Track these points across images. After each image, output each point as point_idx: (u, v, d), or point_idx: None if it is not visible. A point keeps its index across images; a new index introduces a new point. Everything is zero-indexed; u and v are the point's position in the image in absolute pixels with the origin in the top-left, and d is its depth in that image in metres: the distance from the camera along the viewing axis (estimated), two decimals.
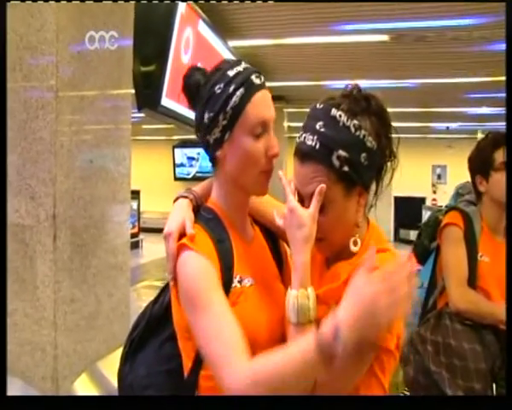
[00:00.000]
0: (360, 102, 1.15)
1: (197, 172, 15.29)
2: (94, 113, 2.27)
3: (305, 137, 1.14)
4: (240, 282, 1.16)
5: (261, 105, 1.16)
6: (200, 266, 1.11)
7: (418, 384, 1.94)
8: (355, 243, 1.18)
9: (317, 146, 1.12)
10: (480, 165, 2.09)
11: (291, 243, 1.14)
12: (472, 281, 2.03)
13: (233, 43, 5.49)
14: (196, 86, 1.18)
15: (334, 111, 1.13)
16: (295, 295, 1.10)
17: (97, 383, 2.13)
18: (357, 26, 5.37)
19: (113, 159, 2.39)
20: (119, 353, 1.44)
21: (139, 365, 1.28)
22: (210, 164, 1.24)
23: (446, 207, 2.32)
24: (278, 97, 8.75)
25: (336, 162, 1.11)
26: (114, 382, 1.37)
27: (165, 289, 1.30)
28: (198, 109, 1.19)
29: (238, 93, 1.12)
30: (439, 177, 16.35)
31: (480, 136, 13.27)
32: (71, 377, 2.04)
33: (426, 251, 2.30)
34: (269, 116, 1.17)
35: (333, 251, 1.22)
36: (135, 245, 10.90)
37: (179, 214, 1.25)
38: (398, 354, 1.12)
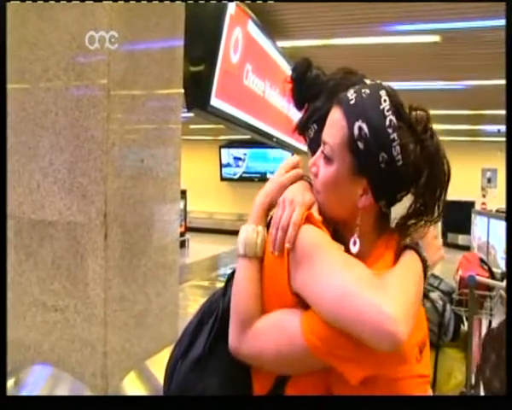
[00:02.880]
0: (417, 123, 1.10)
1: (244, 173, 15.34)
2: (145, 112, 2.28)
3: (350, 91, 1.13)
4: None
5: None
6: (328, 238, 1.11)
7: (490, 387, 1.90)
8: (354, 243, 1.13)
9: (352, 102, 1.10)
10: None
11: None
12: None
13: (282, 43, 5.47)
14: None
15: (383, 93, 1.10)
16: (246, 229, 1.18)
17: (146, 381, 2.14)
18: (408, 27, 5.29)
19: (163, 158, 2.40)
20: (167, 352, 1.42)
21: (213, 371, 1.20)
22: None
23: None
24: None
25: (356, 131, 1.08)
26: (162, 381, 1.34)
27: (230, 282, 1.26)
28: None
29: None
30: (488, 180, 15.94)
31: None
32: (120, 374, 2.05)
33: None
34: None
35: (327, 217, 1.17)
36: (181, 244, 10.99)
37: (303, 190, 1.22)
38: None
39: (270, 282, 1.15)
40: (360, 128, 1.07)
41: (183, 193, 11.67)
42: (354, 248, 1.12)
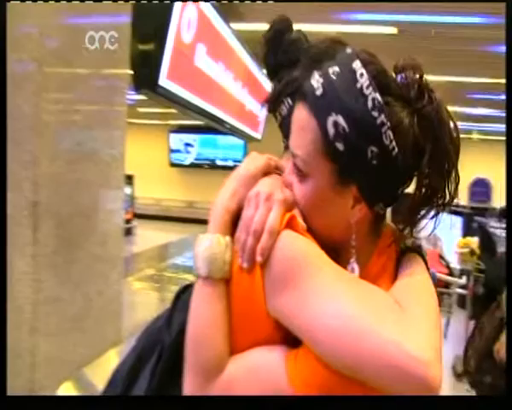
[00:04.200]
0: (409, 88, 0.85)
1: (195, 159, 15.05)
2: (86, 92, 2.06)
3: (313, 76, 0.87)
4: None
5: None
6: (318, 249, 0.86)
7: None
8: (352, 270, 0.89)
9: (319, 91, 0.85)
10: None
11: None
12: None
13: (237, 26, 5.25)
14: None
15: (357, 65, 0.84)
16: (209, 240, 0.90)
17: (83, 392, 1.91)
18: (367, 16, 5.19)
19: (105, 142, 2.17)
20: (108, 356, 1.20)
21: None
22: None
23: None
24: None
25: (331, 129, 0.83)
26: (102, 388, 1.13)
27: (177, 305, 1.00)
28: None
29: None
30: None
31: (475, 136, 13.19)
32: (52, 386, 1.81)
33: None
34: None
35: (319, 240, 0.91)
36: (128, 232, 10.67)
37: (281, 184, 0.95)
38: None
39: (238, 304, 0.89)
40: (336, 124, 0.82)
41: (130, 178, 11.30)
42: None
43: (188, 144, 15.09)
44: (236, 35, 5.18)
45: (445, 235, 8.35)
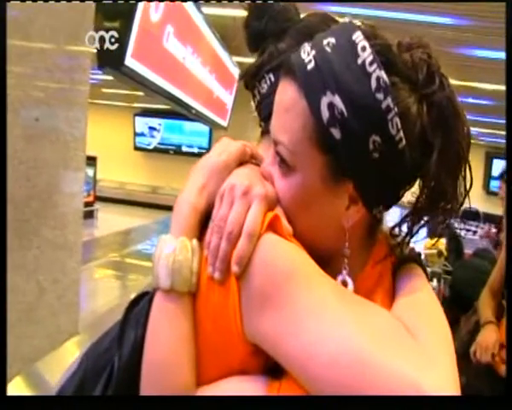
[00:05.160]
0: (417, 70, 0.71)
1: (159, 144, 14.80)
2: (45, 67, 1.92)
3: (304, 47, 0.73)
4: None
5: None
6: (308, 258, 0.71)
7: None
8: (343, 284, 0.74)
9: (311, 66, 0.70)
10: None
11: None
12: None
13: (206, 10, 5.11)
14: None
15: (358, 36, 0.70)
16: (171, 245, 0.73)
17: (34, 387, 1.79)
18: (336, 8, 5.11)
19: (65, 120, 2.04)
20: (64, 349, 1.10)
21: None
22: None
23: None
24: None
25: (325, 112, 0.69)
26: (56, 384, 1.01)
27: (128, 321, 0.82)
28: None
29: None
30: None
31: None
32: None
33: None
34: None
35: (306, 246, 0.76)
36: (89, 215, 10.43)
37: (261, 177, 0.78)
38: None
39: (208, 324, 0.73)
40: (331, 106, 0.68)
41: (93, 160, 11.02)
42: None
43: (152, 128, 14.84)
44: (206, 19, 5.05)
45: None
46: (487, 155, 11.38)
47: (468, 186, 0.75)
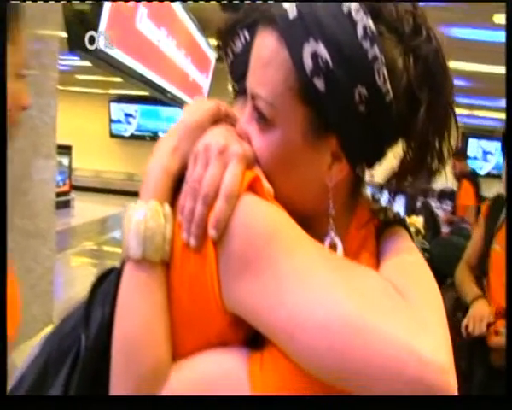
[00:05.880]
0: (402, 22, 0.67)
1: (135, 131, 14.65)
2: None
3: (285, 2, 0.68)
4: None
5: None
6: (291, 220, 0.67)
7: None
8: (331, 247, 0.70)
9: (292, 15, 0.65)
10: None
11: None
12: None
13: None
14: None
15: None
16: (141, 211, 0.68)
17: (8, 379, 1.74)
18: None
19: (34, 107, 1.97)
20: (37, 339, 1.05)
21: None
22: None
23: None
24: None
25: (308, 61, 0.64)
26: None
27: (95, 297, 0.77)
28: None
29: None
30: None
31: None
32: None
33: None
34: None
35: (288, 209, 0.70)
36: (66, 204, 10.29)
37: (237, 136, 0.73)
38: None
39: (183, 293, 0.68)
40: (314, 55, 0.64)
41: (68, 149, 10.84)
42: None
43: (128, 115, 14.67)
44: (184, 8, 4.97)
45: None
46: (463, 135, 11.48)
47: (450, 145, 0.71)
